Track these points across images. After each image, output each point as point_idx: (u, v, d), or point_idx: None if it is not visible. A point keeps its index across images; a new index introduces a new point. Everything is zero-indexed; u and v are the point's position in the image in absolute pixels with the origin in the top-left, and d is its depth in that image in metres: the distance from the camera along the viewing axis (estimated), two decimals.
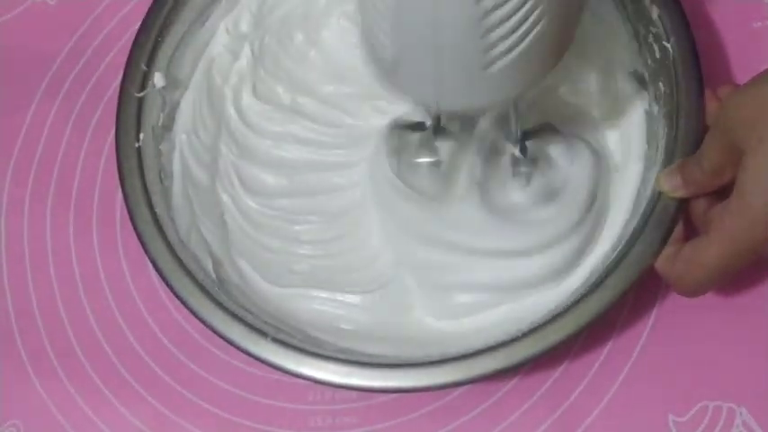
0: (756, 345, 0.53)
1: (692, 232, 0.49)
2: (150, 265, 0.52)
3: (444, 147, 0.52)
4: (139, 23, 0.56)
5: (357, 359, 0.49)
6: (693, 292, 0.47)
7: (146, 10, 0.56)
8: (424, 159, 0.52)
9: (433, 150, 0.52)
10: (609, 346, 0.54)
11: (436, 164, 0.52)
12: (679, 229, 0.49)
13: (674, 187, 0.48)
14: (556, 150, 0.52)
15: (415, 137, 0.53)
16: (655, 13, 0.51)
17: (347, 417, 0.54)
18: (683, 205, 0.48)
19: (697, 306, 0.53)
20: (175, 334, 0.56)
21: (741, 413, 0.52)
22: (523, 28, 0.38)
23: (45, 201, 0.61)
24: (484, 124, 0.53)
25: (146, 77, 0.55)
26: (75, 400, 0.56)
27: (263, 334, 0.49)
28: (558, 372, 0.53)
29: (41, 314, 0.58)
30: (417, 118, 0.53)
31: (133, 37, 0.56)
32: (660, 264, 0.48)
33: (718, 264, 0.45)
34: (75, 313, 0.58)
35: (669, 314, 0.54)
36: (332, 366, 0.48)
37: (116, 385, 0.56)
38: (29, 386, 0.57)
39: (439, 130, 0.52)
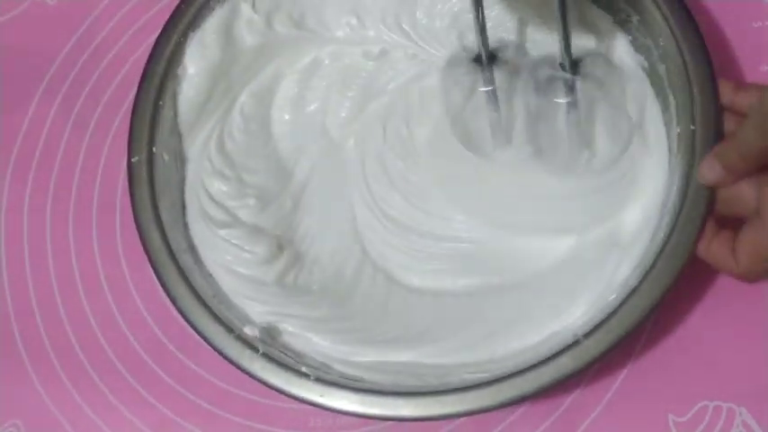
0: (756, 345, 0.53)
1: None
2: (150, 265, 0.52)
3: (498, 75, 0.52)
4: (158, 33, 0.55)
5: (356, 386, 0.49)
6: (762, 278, 0.47)
7: (145, 10, 0.56)
8: (481, 88, 0.52)
9: (487, 80, 0.52)
10: None
11: (492, 93, 0.52)
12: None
13: (717, 177, 0.47)
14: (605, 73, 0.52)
15: (471, 67, 0.52)
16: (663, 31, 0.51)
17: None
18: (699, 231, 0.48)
19: (697, 307, 0.53)
20: (175, 334, 0.56)
21: (741, 413, 0.52)
22: None
23: (45, 201, 0.61)
24: (533, 57, 0.53)
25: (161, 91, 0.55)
26: (76, 400, 0.56)
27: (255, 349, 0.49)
28: None
29: (41, 314, 0.58)
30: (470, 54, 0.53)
31: (133, 36, 0.56)
32: (716, 258, 0.48)
33: None
34: (75, 313, 0.58)
35: (669, 314, 0.54)
36: (328, 390, 0.48)
37: (116, 385, 0.56)
38: (29, 386, 0.57)
39: (491, 59, 0.51)
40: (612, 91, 0.52)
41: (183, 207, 0.54)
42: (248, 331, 0.50)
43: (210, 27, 0.55)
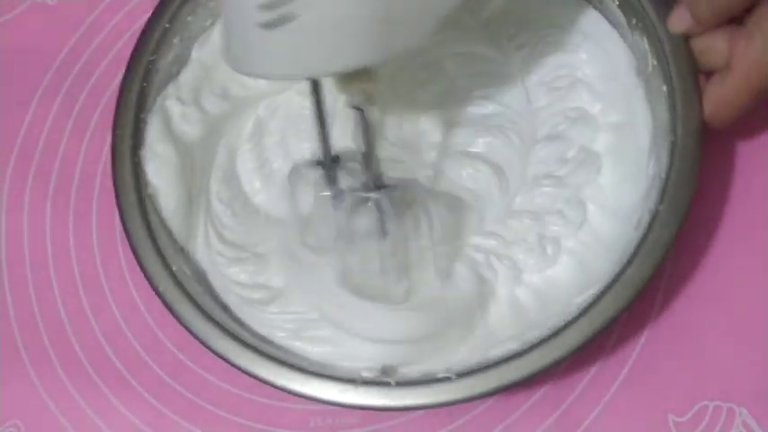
0: (757, 345, 0.53)
1: None
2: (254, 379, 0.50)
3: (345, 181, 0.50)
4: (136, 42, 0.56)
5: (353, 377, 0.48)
6: (726, 125, 0.49)
7: (146, 11, 0.56)
8: (323, 193, 0.50)
9: (330, 181, 0.50)
10: (609, 345, 0.54)
11: (333, 197, 0.50)
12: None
13: (687, 25, 0.49)
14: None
15: (315, 174, 0.51)
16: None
17: (347, 417, 0.54)
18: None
19: (697, 306, 0.53)
20: (175, 333, 0.56)
21: (741, 413, 0.52)
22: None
23: (45, 200, 0.61)
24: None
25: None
26: (76, 400, 0.56)
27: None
28: (558, 371, 0.53)
29: (41, 314, 0.58)
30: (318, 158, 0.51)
31: (133, 36, 0.56)
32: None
33: (745, 96, 0.47)
34: (75, 313, 0.58)
35: (669, 314, 0.54)
36: (325, 384, 0.48)
37: (116, 385, 0.56)
38: (29, 386, 0.57)
39: (336, 165, 0.50)
40: (429, 220, 0.50)
41: (226, 308, 0.53)
42: (368, 374, 0.49)
43: (153, 137, 0.54)
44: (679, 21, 0.49)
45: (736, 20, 0.47)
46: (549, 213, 0.53)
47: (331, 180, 0.50)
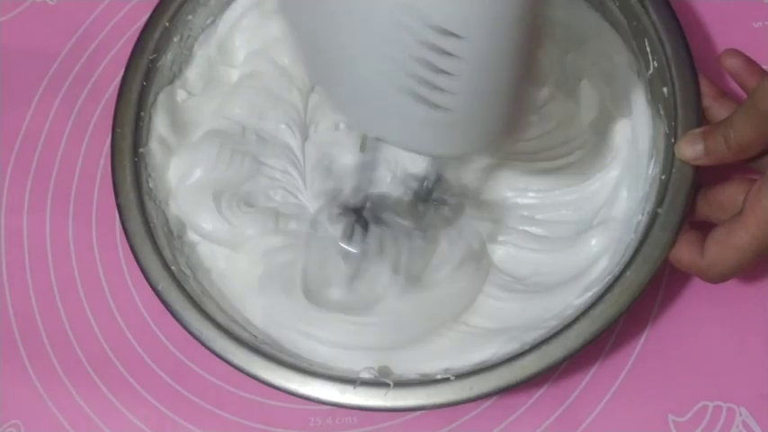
0: (756, 345, 0.53)
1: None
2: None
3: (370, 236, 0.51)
4: (138, 34, 0.56)
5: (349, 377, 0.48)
6: (724, 277, 0.46)
7: (146, 11, 0.56)
8: (345, 247, 0.50)
9: (356, 241, 0.50)
10: (609, 345, 0.54)
11: (353, 256, 0.50)
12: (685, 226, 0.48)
13: (696, 156, 0.47)
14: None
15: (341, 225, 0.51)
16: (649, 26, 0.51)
17: (347, 417, 0.54)
18: (686, 213, 0.48)
19: (697, 307, 0.53)
20: (175, 334, 0.56)
21: (741, 413, 0.52)
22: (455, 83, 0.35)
23: (45, 200, 0.61)
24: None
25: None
26: (75, 399, 0.56)
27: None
28: (558, 371, 0.53)
29: (41, 314, 0.58)
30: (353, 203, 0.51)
31: (133, 36, 0.56)
32: (681, 254, 0.47)
33: (753, 246, 0.44)
34: (75, 313, 0.58)
35: (669, 314, 0.54)
36: (324, 385, 0.48)
37: (116, 385, 0.56)
38: (29, 386, 0.57)
39: (366, 217, 0.50)
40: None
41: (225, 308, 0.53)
42: (367, 374, 0.49)
43: (155, 141, 0.55)
44: (690, 148, 0.47)
45: (743, 164, 0.46)
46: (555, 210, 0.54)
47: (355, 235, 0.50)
